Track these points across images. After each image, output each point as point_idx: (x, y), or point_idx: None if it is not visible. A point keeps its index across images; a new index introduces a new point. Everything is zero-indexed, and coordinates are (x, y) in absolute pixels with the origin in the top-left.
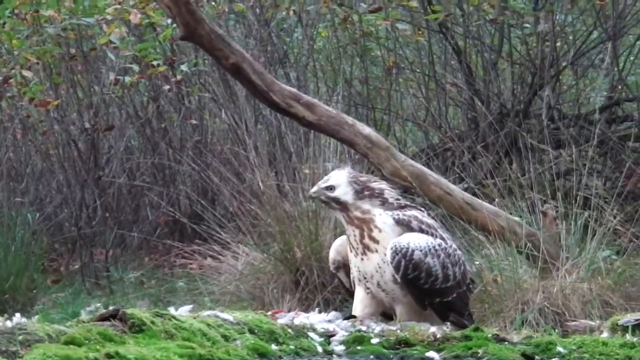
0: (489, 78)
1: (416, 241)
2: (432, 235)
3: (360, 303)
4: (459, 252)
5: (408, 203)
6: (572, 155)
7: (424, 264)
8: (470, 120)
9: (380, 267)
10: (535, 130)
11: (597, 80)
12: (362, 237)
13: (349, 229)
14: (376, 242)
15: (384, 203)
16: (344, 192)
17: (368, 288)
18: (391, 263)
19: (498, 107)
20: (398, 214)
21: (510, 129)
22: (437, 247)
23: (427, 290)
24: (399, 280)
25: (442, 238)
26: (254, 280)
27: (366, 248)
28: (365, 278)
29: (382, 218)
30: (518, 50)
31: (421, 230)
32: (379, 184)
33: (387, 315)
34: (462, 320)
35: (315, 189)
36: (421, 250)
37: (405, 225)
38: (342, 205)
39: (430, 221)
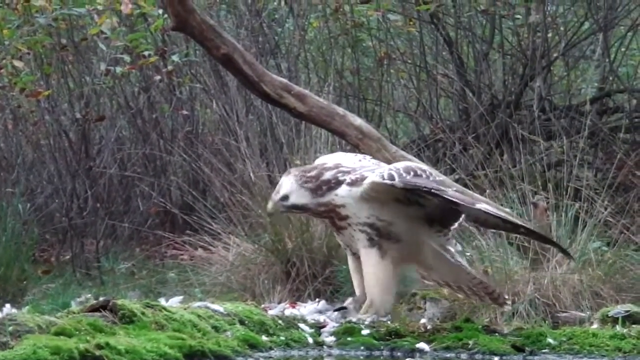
0: (480, 69)
1: (391, 166)
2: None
3: (358, 287)
4: None
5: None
6: (563, 147)
7: (412, 166)
8: (462, 111)
9: (353, 237)
10: (526, 122)
11: (588, 71)
12: (333, 223)
13: (319, 220)
14: (345, 218)
15: (339, 183)
16: (298, 196)
17: (354, 253)
18: (396, 179)
19: (489, 98)
20: (347, 179)
21: (502, 120)
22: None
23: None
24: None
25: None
26: (245, 271)
27: (341, 228)
28: (348, 246)
29: (340, 194)
30: (509, 41)
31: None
32: (328, 170)
33: None
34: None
35: (270, 205)
36: (397, 167)
37: (360, 180)
38: (303, 209)
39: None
